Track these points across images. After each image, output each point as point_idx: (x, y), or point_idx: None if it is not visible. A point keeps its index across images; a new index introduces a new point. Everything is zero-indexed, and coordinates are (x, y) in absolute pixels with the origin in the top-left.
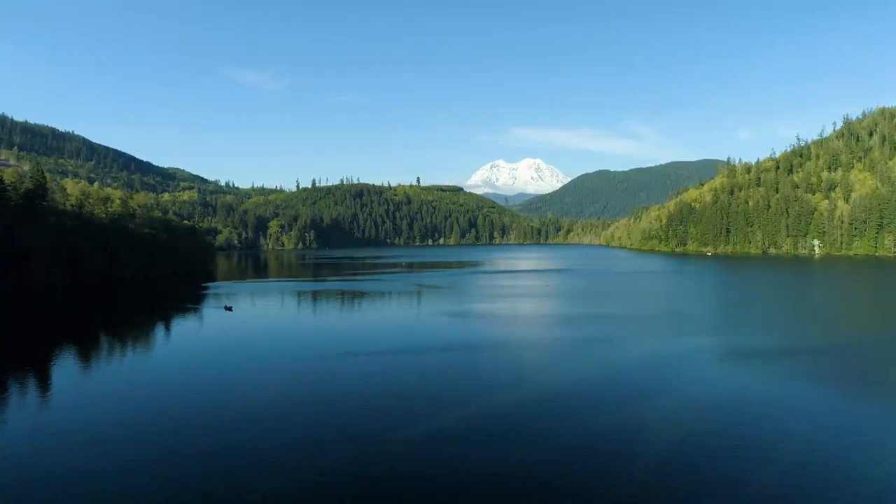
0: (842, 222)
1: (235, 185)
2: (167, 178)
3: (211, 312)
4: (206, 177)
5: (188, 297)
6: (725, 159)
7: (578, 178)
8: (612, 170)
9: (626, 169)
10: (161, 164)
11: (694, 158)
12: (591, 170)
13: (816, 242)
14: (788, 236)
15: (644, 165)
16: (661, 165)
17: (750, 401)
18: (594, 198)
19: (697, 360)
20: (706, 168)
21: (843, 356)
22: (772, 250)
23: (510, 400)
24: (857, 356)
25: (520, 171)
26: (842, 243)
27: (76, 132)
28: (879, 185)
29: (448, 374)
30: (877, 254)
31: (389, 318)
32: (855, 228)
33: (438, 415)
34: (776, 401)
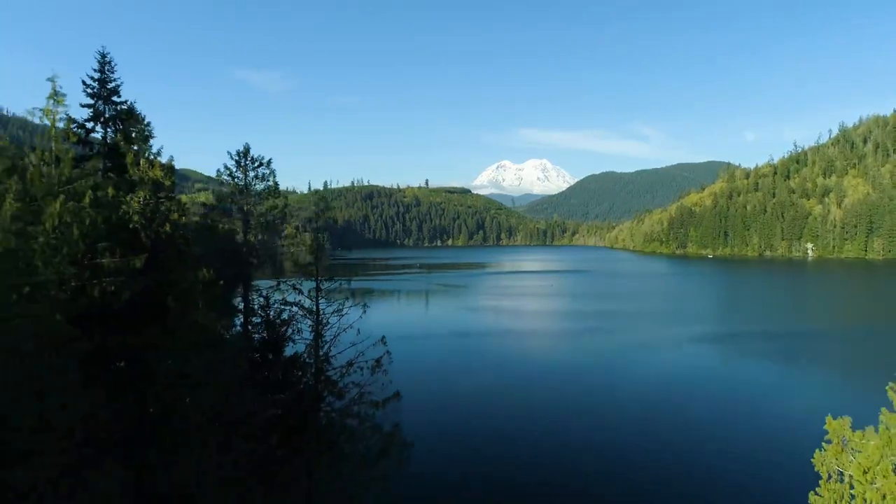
0: (834, 226)
1: None
2: (181, 179)
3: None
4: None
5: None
6: (732, 161)
7: (585, 179)
8: (619, 171)
9: (632, 170)
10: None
11: (700, 160)
12: (598, 171)
13: (810, 245)
14: (783, 239)
15: (650, 167)
16: (667, 167)
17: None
18: (600, 199)
19: (701, 351)
20: (712, 170)
21: (822, 342)
22: (767, 253)
23: (532, 369)
24: (837, 343)
25: (526, 172)
26: (834, 247)
27: None
28: (871, 190)
29: (491, 352)
30: (866, 256)
31: (429, 311)
32: (846, 232)
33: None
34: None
